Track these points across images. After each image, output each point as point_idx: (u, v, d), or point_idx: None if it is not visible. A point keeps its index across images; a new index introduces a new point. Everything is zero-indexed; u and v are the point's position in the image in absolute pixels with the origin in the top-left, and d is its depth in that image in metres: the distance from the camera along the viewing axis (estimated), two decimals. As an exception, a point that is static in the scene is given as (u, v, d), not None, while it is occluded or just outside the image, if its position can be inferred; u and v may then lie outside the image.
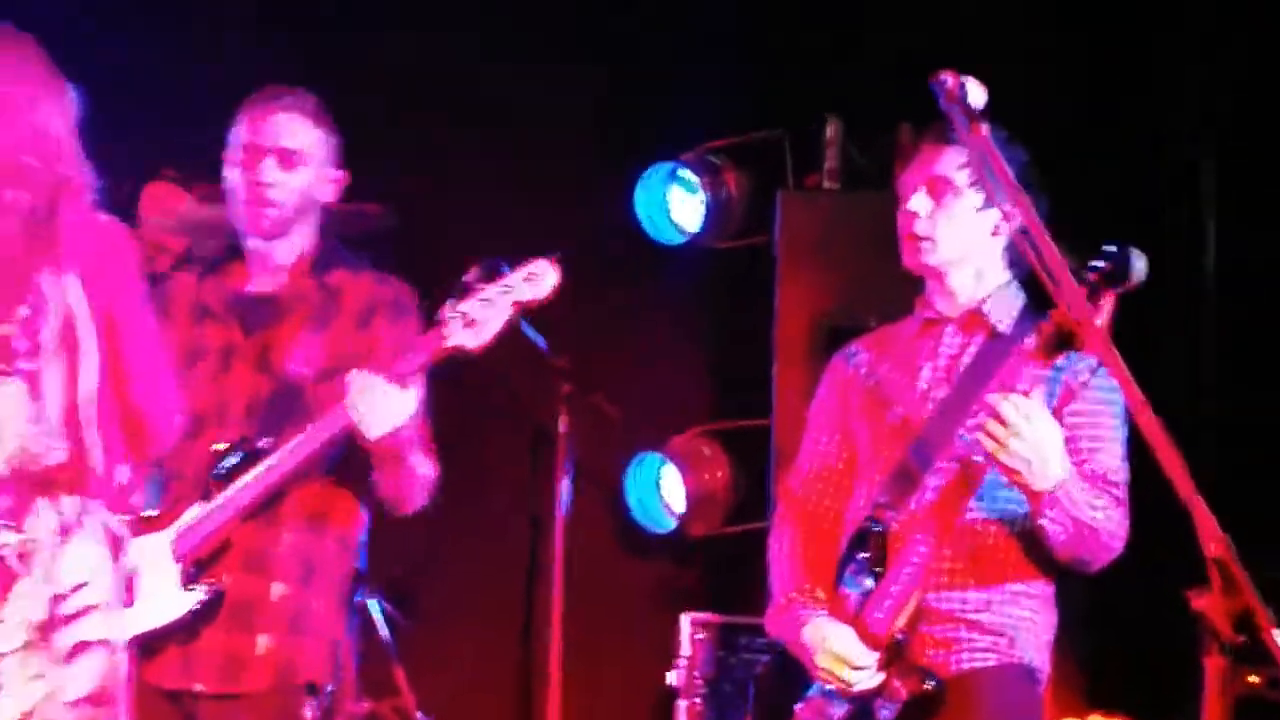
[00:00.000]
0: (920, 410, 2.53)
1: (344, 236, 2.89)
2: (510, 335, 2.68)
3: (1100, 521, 2.38)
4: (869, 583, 2.49)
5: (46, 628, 2.24)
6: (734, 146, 3.67)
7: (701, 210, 3.69)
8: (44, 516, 2.21)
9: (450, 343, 2.47)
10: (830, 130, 3.53)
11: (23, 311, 2.23)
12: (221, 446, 2.63)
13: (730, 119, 3.72)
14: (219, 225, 3.10)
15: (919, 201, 2.49)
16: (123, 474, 2.38)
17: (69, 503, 2.25)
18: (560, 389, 3.29)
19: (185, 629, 2.53)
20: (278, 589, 2.57)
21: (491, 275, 2.53)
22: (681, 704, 3.39)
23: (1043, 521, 2.32)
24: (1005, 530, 2.47)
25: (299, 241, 2.66)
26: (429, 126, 3.89)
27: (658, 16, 3.77)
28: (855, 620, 2.47)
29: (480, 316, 2.48)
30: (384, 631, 3.37)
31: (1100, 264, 2.14)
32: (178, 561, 2.65)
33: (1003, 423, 2.23)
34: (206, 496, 2.62)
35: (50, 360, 2.23)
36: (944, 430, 2.52)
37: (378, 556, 2.88)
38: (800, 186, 3.62)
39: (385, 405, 2.52)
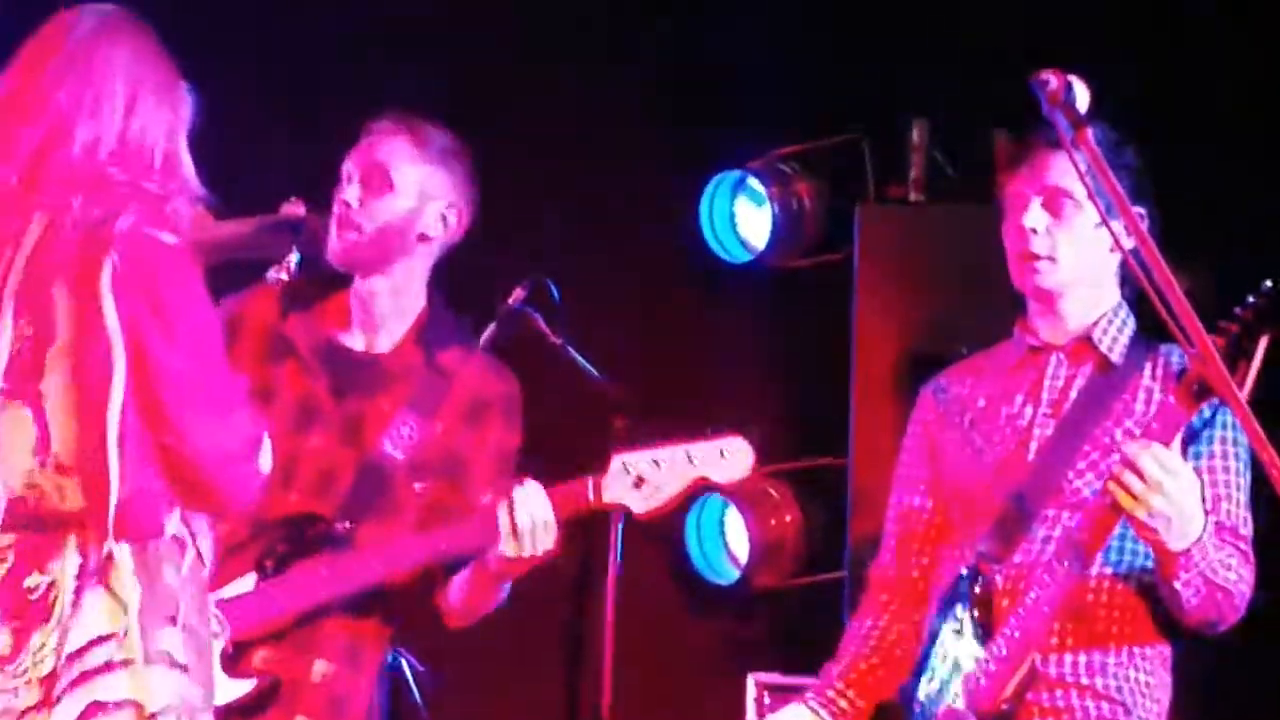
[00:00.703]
0: (1023, 452, 2.39)
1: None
2: (560, 363, 2.76)
3: (1233, 582, 2.27)
4: (972, 645, 2.38)
5: (50, 683, 2.02)
6: (807, 153, 3.45)
7: (770, 224, 3.48)
8: (68, 560, 2.02)
9: (610, 499, 2.32)
10: (915, 134, 3.31)
11: (27, 329, 2.06)
12: (291, 516, 2.45)
13: (803, 122, 3.49)
14: (238, 245, 2.90)
15: (1035, 216, 2.33)
16: (174, 524, 2.11)
17: (95, 547, 2.04)
18: (614, 422, 2.96)
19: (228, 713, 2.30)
20: (320, 668, 2.38)
21: (669, 434, 2.42)
22: None
23: (1176, 584, 2.17)
24: (1122, 586, 2.33)
25: (405, 300, 2.48)
26: (479, 134, 3.72)
27: (720, 9, 3.54)
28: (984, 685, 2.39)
29: (653, 480, 2.34)
30: (415, 694, 3.21)
31: (1256, 301, 2.04)
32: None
33: (1141, 476, 2.08)
34: (262, 570, 2.44)
35: (60, 387, 2.06)
36: (1051, 474, 2.37)
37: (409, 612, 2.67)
38: (881, 198, 3.40)
39: (540, 538, 2.35)
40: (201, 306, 2.06)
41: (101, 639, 1.99)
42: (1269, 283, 2.07)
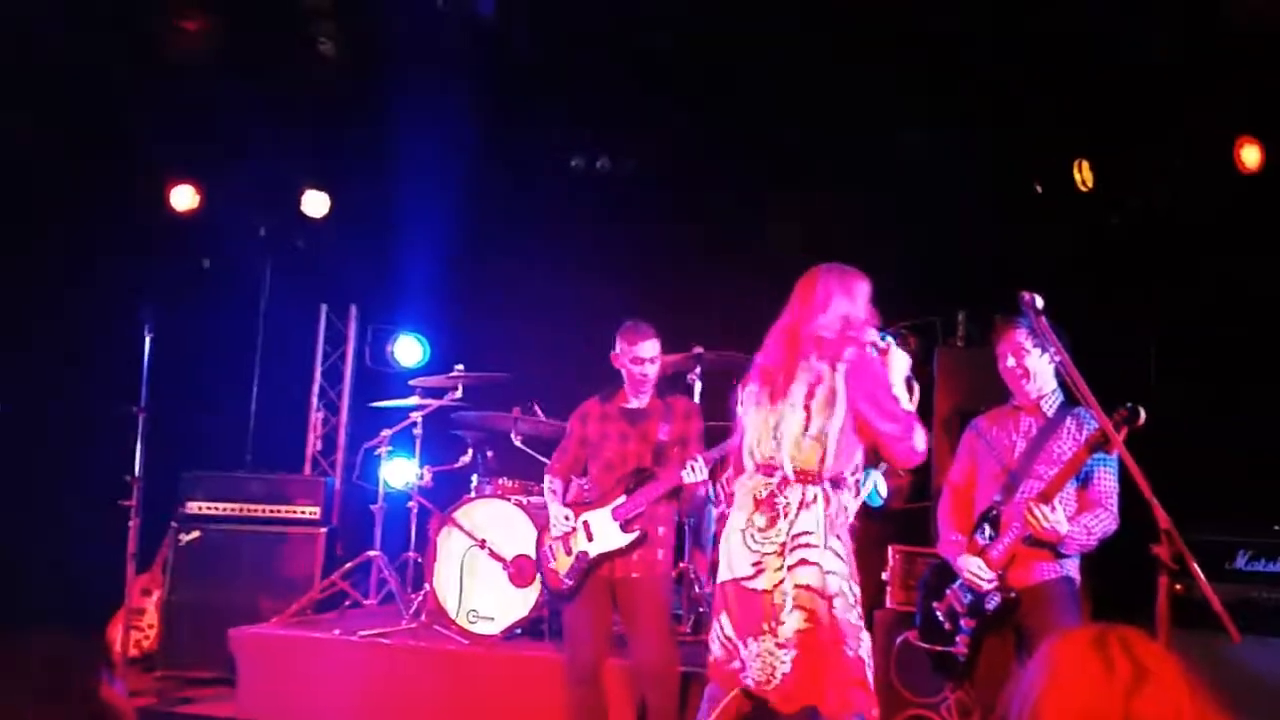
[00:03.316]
0: (1012, 457, 3.78)
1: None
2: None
3: (1096, 529, 3.57)
4: (990, 538, 3.74)
5: (783, 547, 3.41)
6: (914, 325, 5.03)
7: None
8: (793, 492, 3.41)
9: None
10: (960, 317, 5.13)
11: (808, 379, 3.43)
12: (635, 468, 4.21)
13: (903, 310, 4.82)
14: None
15: (1009, 359, 3.78)
16: (847, 477, 3.46)
17: (808, 489, 3.40)
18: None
19: None
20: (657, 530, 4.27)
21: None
22: (888, 587, 4.80)
23: (1067, 549, 3.60)
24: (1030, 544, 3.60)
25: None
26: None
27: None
28: (982, 554, 3.69)
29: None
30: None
31: (1125, 411, 3.29)
32: (614, 520, 4.20)
33: (1041, 517, 3.49)
34: (628, 490, 4.19)
35: (819, 409, 3.39)
36: (1026, 467, 3.74)
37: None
38: (946, 345, 5.13)
39: (699, 472, 4.06)
40: (876, 377, 3.33)
41: (807, 533, 3.37)
42: (1129, 404, 3.27)
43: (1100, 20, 4.57)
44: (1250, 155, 5.09)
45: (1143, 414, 3.24)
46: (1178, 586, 2.91)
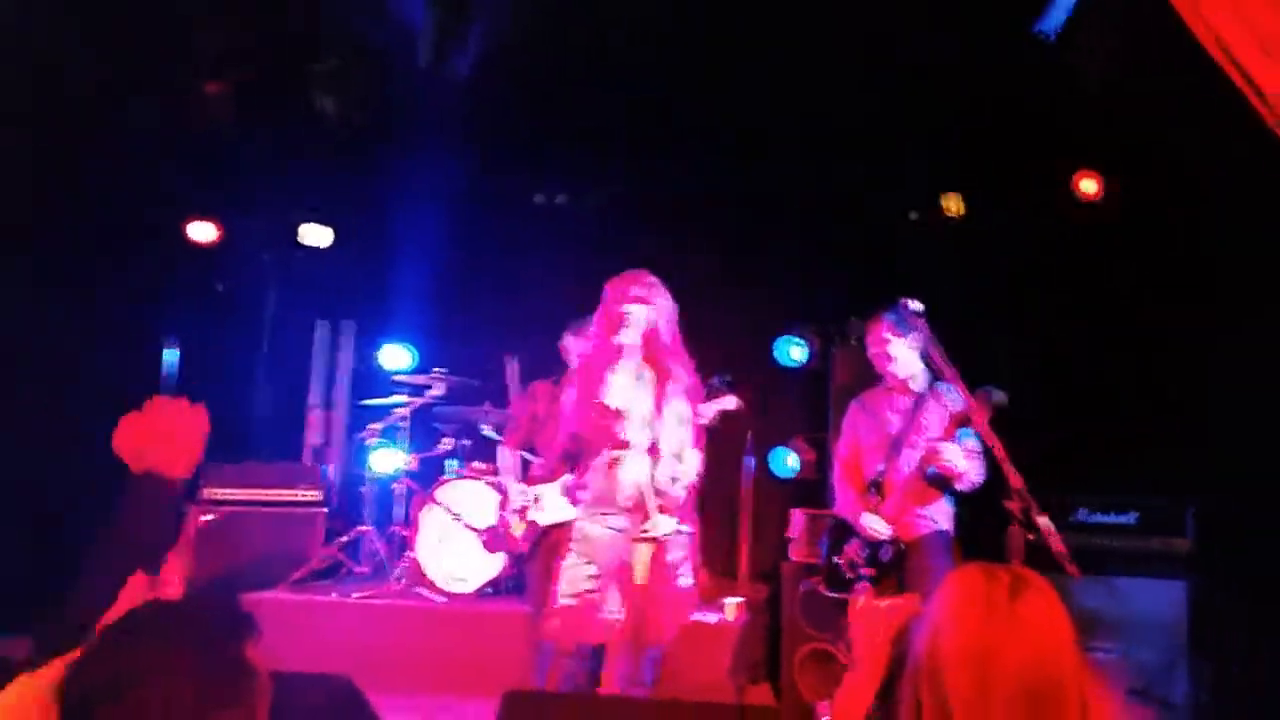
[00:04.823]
0: (889, 429, 3.91)
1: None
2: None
3: (975, 472, 3.74)
4: (879, 500, 3.88)
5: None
6: (814, 329, 5.41)
7: (806, 354, 5.47)
8: None
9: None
10: (851, 321, 5.16)
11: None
12: None
13: (806, 315, 5.48)
14: None
15: (880, 348, 3.91)
16: None
17: None
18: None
19: None
20: None
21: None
22: (792, 543, 4.87)
23: (960, 484, 3.71)
24: (932, 481, 3.79)
25: None
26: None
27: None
28: (877, 513, 3.83)
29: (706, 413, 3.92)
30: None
31: (985, 392, 3.40)
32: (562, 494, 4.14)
33: (945, 451, 3.64)
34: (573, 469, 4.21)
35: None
36: (903, 437, 3.86)
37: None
38: (842, 346, 5.24)
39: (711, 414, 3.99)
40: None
41: None
42: (989, 388, 3.39)
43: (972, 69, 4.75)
44: (1088, 186, 5.19)
45: (1001, 395, 3.40)
46: (1028, 535, 2.91)
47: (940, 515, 3.84)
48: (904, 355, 3.86)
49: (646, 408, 3.60)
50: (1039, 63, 4.15)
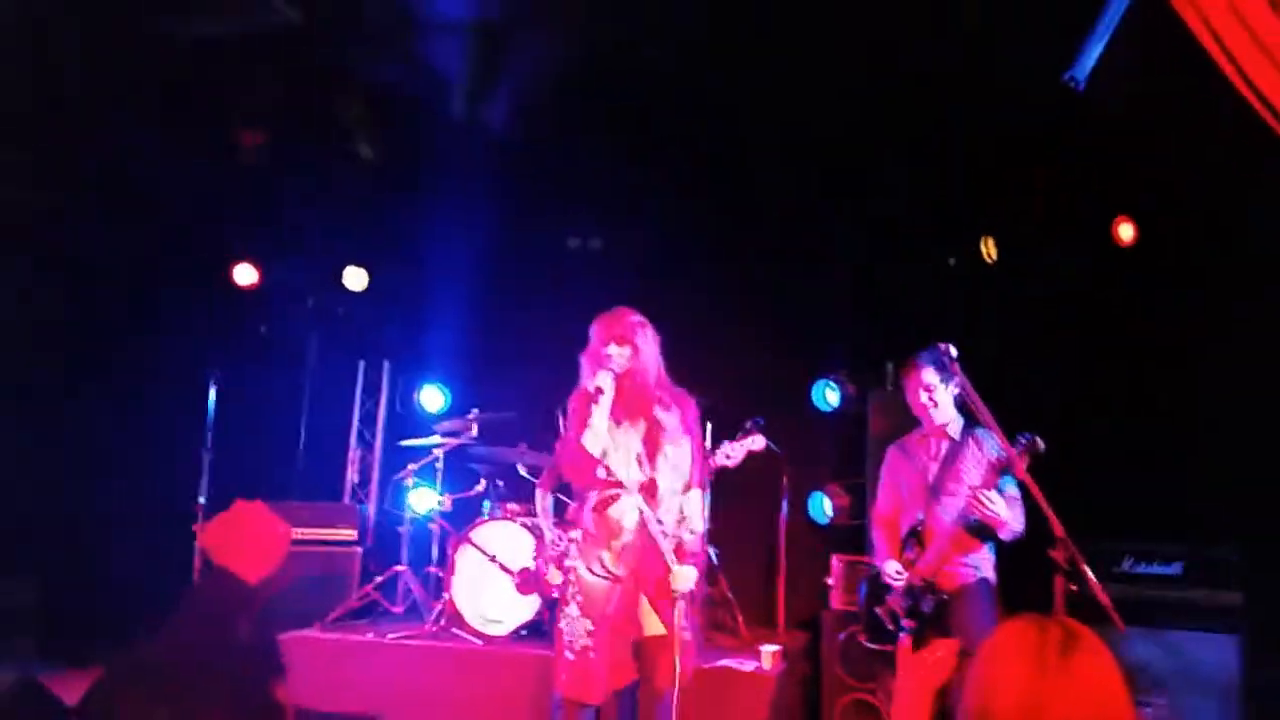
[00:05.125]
0: (928, 477, 3.81)
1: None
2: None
3: (1017, 521, 3.59)
4: (919, 550, 3.77)
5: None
6: (850, 374, 5.38)
7: (840, 398, 5.43)
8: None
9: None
10: (889, 367, 5.18)
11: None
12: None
13: (842, 361, 5.44)
14: None
15: (920, 394, 3.82)
16: None
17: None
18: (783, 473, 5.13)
19: None
20: None
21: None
22: (832, 590, 4.93)
23: (1002, 533, 3.58)
24: (974, 530, 3.68)
25: None
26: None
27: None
28: (912, 565, 3.72)
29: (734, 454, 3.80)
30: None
31: (1025, 440, 3.28)
32: None
33: (990, 501, 3.50)
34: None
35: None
36: (941, 484, 3.78)
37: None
38: (878, 390, 5.20)
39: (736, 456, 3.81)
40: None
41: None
42: (1029, 435, 3.25)
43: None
44: (1125, 232, 5.15)
45: (1041, 443, 3.23)
46: (1072, 586, 2.88)
47: (983, 564, 3.74)
48: (943, 400, 3.80)
49: (634, 448, 3.52)
50: (1071, 106, 4.08)
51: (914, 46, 4.47)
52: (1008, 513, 3.50)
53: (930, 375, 3.75)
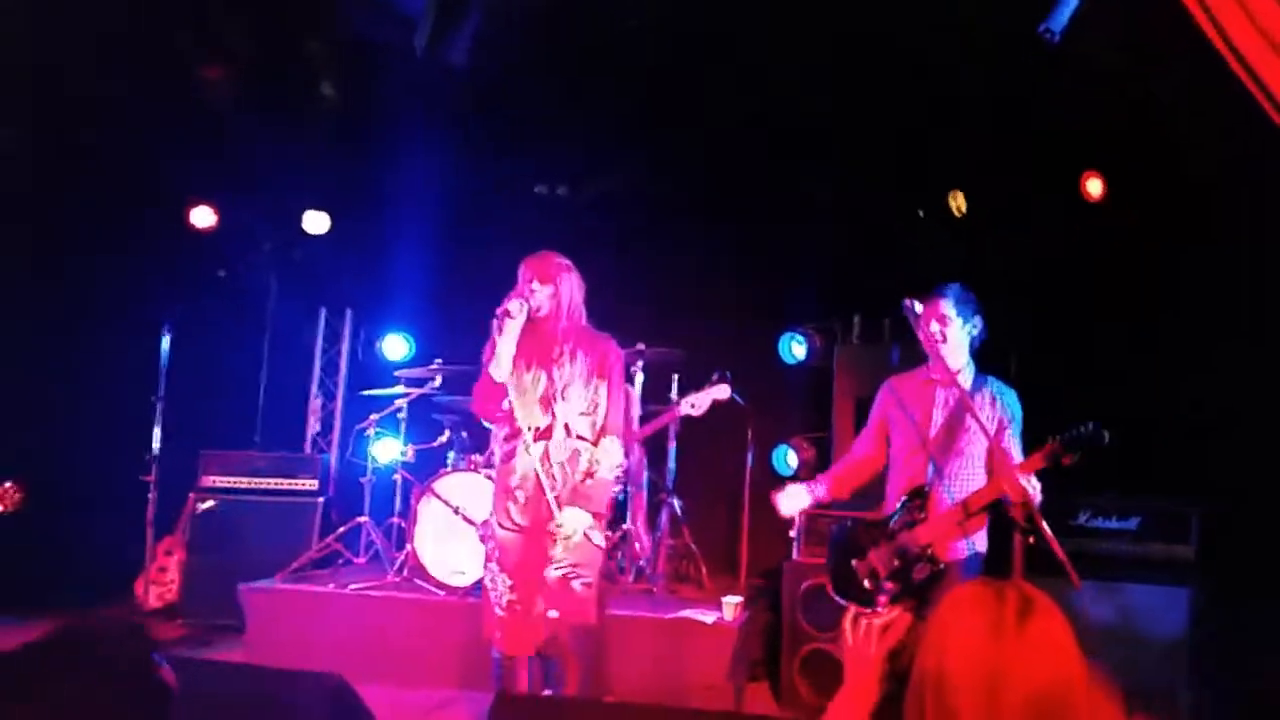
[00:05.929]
0: (929, 432, 3.45)
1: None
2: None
3: (1036, 490, 3.22)
4: (922, 515, 3.44)
5: None
6: (817, 327, 5.34)
7: (806, 350, 5.39)
8: None
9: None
10: (856, 319, 5.21)
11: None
12: None
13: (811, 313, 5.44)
14: None
15: (932, 323, 3.44)
16: None
17: None
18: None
19: None
20: None
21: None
22: (795, 543, 4.82)
23: (1025, 499, 3.18)
24: (990, 507, 3.41)
25: None
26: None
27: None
28: (912, 529, 3.38)
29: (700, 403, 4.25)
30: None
31: (1081, 431, 3.01)
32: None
33: (1031, 487, 3.20)
34: None
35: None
36: (948, 443, 3.44)
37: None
38: (844, 343, 5.24)
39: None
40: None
41: None
42: (1091, 425, 3.03)
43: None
44: (1094, 187, 5.10)
45: (1107, 436, 3.03)
46: (1028, 540, 2.97)
47: (981, 536, 3.50)
48: (955, 338, 3.42)
49: (539, 393, 3.48)
50: (1045, 60, 4.00)
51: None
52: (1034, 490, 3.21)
53: (948, 307, 3.41)
